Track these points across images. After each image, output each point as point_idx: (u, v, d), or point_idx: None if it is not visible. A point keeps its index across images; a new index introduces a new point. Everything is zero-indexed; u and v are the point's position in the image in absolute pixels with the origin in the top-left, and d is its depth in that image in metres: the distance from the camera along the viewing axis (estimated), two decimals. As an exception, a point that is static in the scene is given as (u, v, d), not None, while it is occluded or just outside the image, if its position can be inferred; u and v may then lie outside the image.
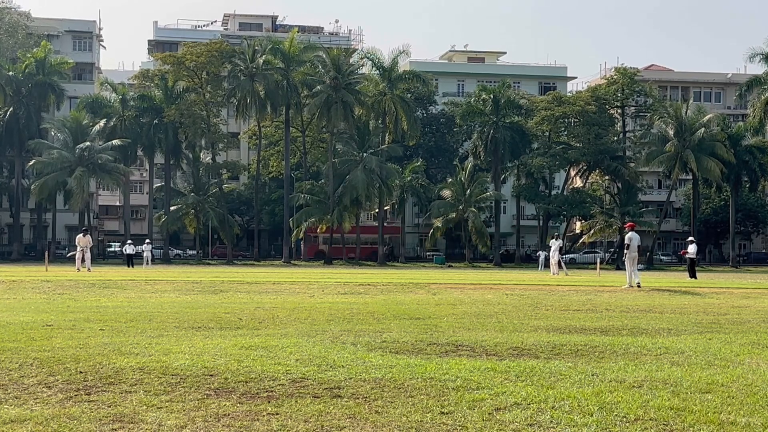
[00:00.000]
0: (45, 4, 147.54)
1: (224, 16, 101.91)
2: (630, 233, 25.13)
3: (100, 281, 23.50)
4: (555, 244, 37.59)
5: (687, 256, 35.42)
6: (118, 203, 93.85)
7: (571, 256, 79.20)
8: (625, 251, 24.98)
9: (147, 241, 56.48)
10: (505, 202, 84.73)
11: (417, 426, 5.38)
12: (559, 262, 37.71)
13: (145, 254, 53.19)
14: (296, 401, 6.04)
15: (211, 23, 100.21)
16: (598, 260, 62.92)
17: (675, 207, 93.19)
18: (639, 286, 23.30)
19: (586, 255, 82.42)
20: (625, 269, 25.47)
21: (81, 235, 38.60)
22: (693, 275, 33.64)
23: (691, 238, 37.71)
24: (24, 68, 72.19)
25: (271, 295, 19.03)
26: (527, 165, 76.94)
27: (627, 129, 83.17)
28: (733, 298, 19.58)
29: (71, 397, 6.19)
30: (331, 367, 7.51)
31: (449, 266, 66.00)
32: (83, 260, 37.29)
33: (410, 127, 71.90)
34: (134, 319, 12.36)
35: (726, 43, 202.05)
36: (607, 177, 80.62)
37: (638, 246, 25.08)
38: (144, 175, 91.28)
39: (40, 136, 72.51)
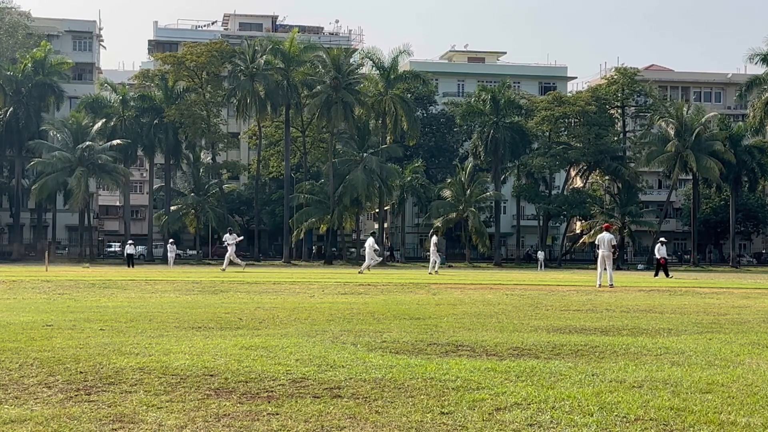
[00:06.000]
0: (45, 4, 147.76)
1: (224, 16, 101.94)
2: (601, 234, 26.04)
3: (100, 281, 23.50)
4: (432, 241, 37.53)
5: (658, 256, 35.80)
6: (118, 203, 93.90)
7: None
8: (596, 251, 25.74)
9: (171, 241, 56.63)
10: (505, 202, 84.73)
11: (417, 426, 5.38)
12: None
13: (170, 255, 53.40)
14: (296, 401, 6.04)
15: (212, 23, 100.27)
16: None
17: (675, 207, 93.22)
18: (611, 287, 23.35)
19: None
20: (613, 269, 25.81)
21: (228, 234, 41.65)
22: (666, 274, 34.23)
23: (662, 239, 37.83)
24: (23, 68, 72.18)
25: (271, 295, 19.03)
26: (527, 165, 76.97)
27: (627, 129, 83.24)
28: (733, 298, 19.57)
29: (71, 397, 6.19)
30: (331, 367, 7.51)
31: (449, 266, 65.98)
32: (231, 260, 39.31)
33: (410, 127, 71.90)
34: (134, 319, 12.36)
35: (726, 43, 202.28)
36: (607, 177, 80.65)
37: (613, 246, 25.77)
38: (144, 175, 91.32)
39: (40, 136, 72.50)
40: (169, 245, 54.82)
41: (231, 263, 40.44)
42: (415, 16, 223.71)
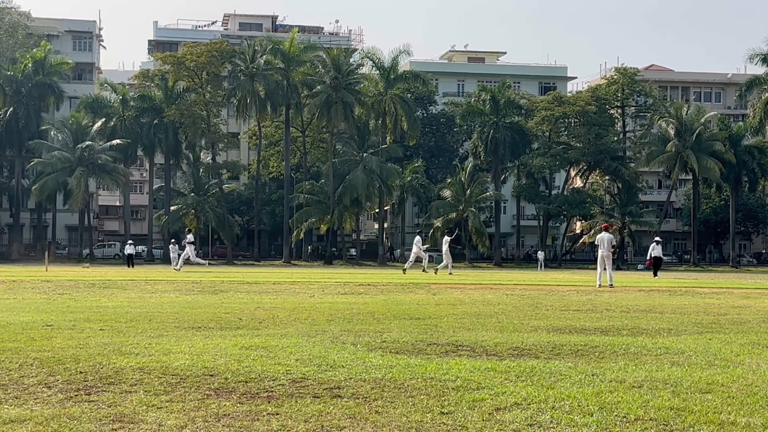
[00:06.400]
0: (45, 4, 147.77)
1: (224, 16, 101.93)
2: (601, 234, 26.11)
3: (100, 281, 23.50)
4: (444, 240, 37.64)
5: (654, 254, 35.93)
6: (118, 203, 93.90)
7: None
8: (596, 251, 26.07)
9: (173, 241, 56.79)
10: (505, 202, 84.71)
11: (417, 426, 5.38)
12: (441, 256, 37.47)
13: (172, 255, 53.55)
14: (296, 401, 6.04)
15: (212, 23, 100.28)
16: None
17: (675, 207, 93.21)
18: (611, 287, 23.38)
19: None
20: (614, 269, 25.96)
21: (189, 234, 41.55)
22: (655, 273, 34.23)
23: (657, 238, 38.00)
24: (23, 68, 72.17)
25: (271, 295, 19.02)
26: (527, 165, 76.95)
27: (627, 129, 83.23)
28: (733, 298, 19.57)
29: (71, 397, 6.18)
30: (331, 367, 7.51)
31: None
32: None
33: (410, 127, 71.89)
34: (134, 319, 12.36)
35: (726, 43, 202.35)
36: (607, 177, 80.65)
37: (613, 246, 25.91)
38: (144, 175, 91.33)
39: (40, 136, 72.51)
40: (171, 246, 54.96)
41: (187, 262, 40.27)
42: (415, 16, 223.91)
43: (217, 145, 76.58)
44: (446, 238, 37.71)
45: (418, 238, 37.40)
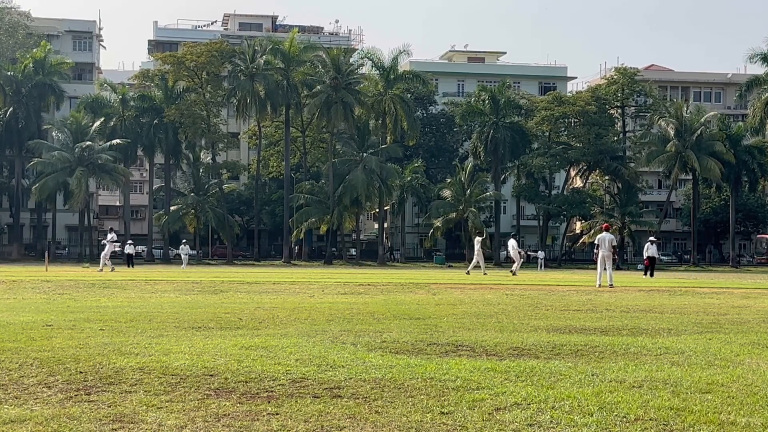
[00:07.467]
0: (45, 4, 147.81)
1: (224, 16, 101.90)
2: (601, 234, 26.19)
3: (100, 281, 23.50)
4: (514, 244, 37.54)
5: (649, 254, 35.95)
6: (118, 203, 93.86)
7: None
8: (595, 251, 26.08)
9: (183, 241, 56.77)
10: (505, 202, 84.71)
11: (417, 426, 5.38)
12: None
13: (183, 255, 53.67)
14: (296, 401, 6.04)
15: (211, 23, 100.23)
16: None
17: (675, 207, 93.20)
18: (611, 287, 23.42)
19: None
20: (615, 269, 25.96)
21: (110, 233, 40.39)
22: (650, 274, 34.55)
23: (652, 238, 38.05)
24: (23, 68, 72.16)
25: (271, 295, 19.02)
26: (527, 165, 76.95)
27: (627, 129, 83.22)
28: (733, 298, 19.57)
29: (71, 397, 6.18)
30: (331, 367, 7.51)
31: (449, 266, 65.98)
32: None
33: (410, 127, 71.90)
34: (134, 319, 12.35)
35: (726, 43, 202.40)
36: (607, 177, 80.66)
37: (613, 246, 25.88)
38: (144, 175, 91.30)
39: (40, 136, 72.50)
40: (182, 245, 55.32)
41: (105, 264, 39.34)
42: (415, 16, 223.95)
43: (217, 145, 76.56)
44: (478, 239, 37.51)
45: (513, 242, 37.53)
